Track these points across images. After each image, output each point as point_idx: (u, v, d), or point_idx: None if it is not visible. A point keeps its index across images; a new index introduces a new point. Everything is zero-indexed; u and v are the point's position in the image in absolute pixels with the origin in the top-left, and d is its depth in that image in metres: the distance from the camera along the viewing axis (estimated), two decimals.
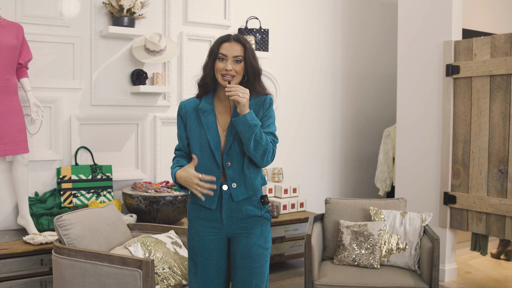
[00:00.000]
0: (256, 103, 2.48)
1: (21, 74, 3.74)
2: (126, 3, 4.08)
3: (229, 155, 2.43)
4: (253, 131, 2.34)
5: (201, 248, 2.48)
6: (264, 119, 2.48)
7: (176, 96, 4.56)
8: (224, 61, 2.42)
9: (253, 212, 2.48)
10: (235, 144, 2.43)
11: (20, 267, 3.39)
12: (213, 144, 2.43)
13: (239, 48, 2.43)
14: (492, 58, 4.10)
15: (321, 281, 3.22)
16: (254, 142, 2.36)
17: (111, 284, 2.65)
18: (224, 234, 2.48)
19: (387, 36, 5.88)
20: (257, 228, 2.49)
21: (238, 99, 2.31)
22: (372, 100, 5.85)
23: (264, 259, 2.51)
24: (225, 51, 2.42)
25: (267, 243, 2.52)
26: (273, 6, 5.11)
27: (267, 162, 2.45)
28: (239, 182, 2.44)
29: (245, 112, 2.35)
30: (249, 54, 2.44)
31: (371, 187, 5.83)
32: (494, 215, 4.12)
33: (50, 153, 4.04)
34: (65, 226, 2.86)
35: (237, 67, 2.42)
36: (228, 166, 2.43)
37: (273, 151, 2.45)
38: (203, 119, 2.47)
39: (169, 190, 4.06)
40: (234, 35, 2.47)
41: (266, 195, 2.54)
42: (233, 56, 2.41)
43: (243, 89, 2.34)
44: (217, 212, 2.45)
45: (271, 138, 2.45)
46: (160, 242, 3.06)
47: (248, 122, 2.34)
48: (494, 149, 4.12)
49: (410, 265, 3.40)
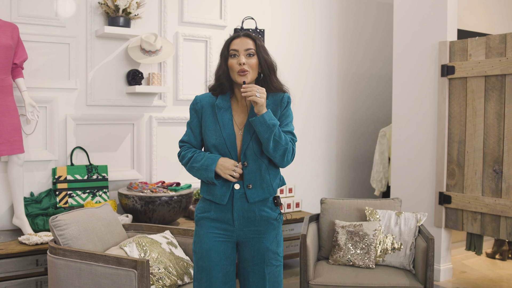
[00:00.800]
0: (274, 102, 2.43)
1: (17, 74, 3.73)
2: (121, 3, 4.08)
3: (246, 155, 2.37)
4: (272, 131, 2.28)
5: (208, 251, 2.39)
6: (282, 118, 2.42)
7: (172, 96, 4.56)
8: (236, 56, 2.37)
9: (267, 214, 2.42)
10: (253, 143, 2.37)
11: (16, 268, 3.38)
12: (228, 142, 2.37)
13: (250, 41, 2.38)
14: (487, 59, 4.11)
15: (316, 281, 3.23)
16: (274, 143, 2.30)
17: (106, 285, 2.65)
18: (235, 237, 2.41)
19: (383, 37, 5.89)
20: (270, 232, 2.43)
21: (256, 99, 2.25)
22: (367, 100, 5.87)
23: (277, 263, 2.45)
24: (235, 46, 2.37)
25: (279, 247, 2.47)
26: (269, 7, 5.12)
27: (288, 162, 2.39)
28: (255, 183, 2.38)
29: (263, 112, 2.29)
30: (261, 48, 2.40)
31: (366, 187, 5.84)
32: (489, 215, 4.13)
33: (45, 153, 4.04)
34: (60, 226, 2.86)
35: (250, 60, 2.37)
36: (245, 166, 2.37)
37: (293, 151, 2.38)
38: (219, 116, 2.41)
39: (165, 190, 4.06)
40: (243, 32, 2.44)
41: (279, 196, 2.48)
42: (245, 49, 2.36)
43: (259, 88, 2.28)
44: (229, 212, 2.39)
45: (290, 137, 2.39)
46: (155, 242, 3.06)
47: (266, 122, 2.27)
48: (489, 149, 4.13)
49: (405, 265, 3.41)
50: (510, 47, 3.97)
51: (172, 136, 4.57)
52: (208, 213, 2.42)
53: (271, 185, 2.41)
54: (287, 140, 2.34)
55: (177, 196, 3.96)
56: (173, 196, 3.94)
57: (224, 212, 2.39)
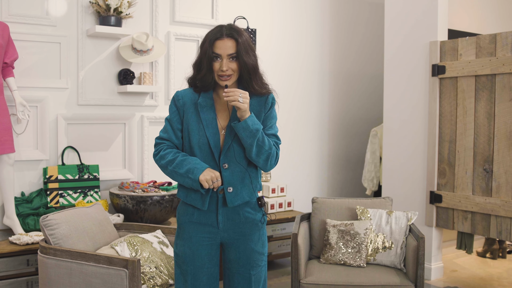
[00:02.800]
0: (258, 102, 2.35)
1: (7, 73, 3.71)
2: (113, 3, 4.07)
3: (227, 157, 2.30)
4: (255, 136, 2.22)
5: (192, 255, 2.34)
6: (266, 120, 2.36)
7: (163, 96, 4.56)
8: (219, 60, 2.26)
9: (251, 215, 2.37)
10: (234, 145, 2.29)
11: (6, 268, 3.37)
12: (212, 142, 2.29)
13: (232, 44, 2.25)
14: (477, 58, 4.14)
15: (307, 280, 3.24)
16: (257, 148, 2.24)
17: (97, 284, 2.65)
18: (219, 239, 2.36)
19: (375, 37, 5.91)
20: (255, 233, 2.39)
21: (238, 104, 2.17)
22: (359, 100, 5.88)
23: (261, 264, 2.42)
24: (218, 50, 2.25)
25: (264, 247, 2.43)
26: (261, 6, 5.12)
27: (271, 166, 2.33)
28: (236, 186, 2.31)
29: (246, 116, 2.21)
30: (242, 49, 2.25)
31: (358, 187, 5.86)
32: (479, 214, 4.16)
33: (36, 153, 4.02)
34: (51, 226, 2.85)
35: (233, 65, 2.27)
36: (225, 168, 2.30)
37: (276, 155, 2.33)
38: (202, 114, 2.32)
39: (156, 190, 4.06)
40: (226, 29, 2.27)
41: (262, 196, 2.42)
42: (228, 54, 2.25)
43: (242, 92, 2.19)
44: (213, 215, 2.33)
45: (274, 140, 2.33)
46: (146, 241, 3.06)
47: (249, 127, 2.20)
48: (479, 148, 4.16)
49: (396, 264, 3.43)
50: (500, 47, 3.99)
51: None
52: (191, 216, 2.36)
53: (251, 189, 2.35)
54: (271, 144, 2.29)
55: (169, 195, 3.96)
56: (165, 195, 3.94)
57: (208, 215, 2.34)
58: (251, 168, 2.36)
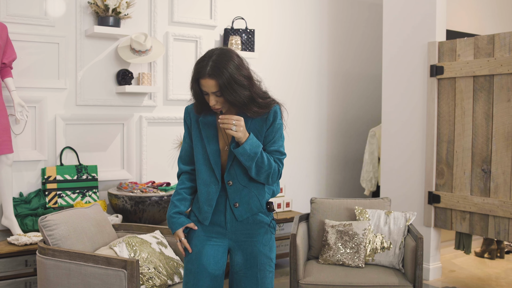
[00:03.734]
0: (258, 121, 2.32)
1: (5, 73, 3.71)
2: (111, 3, 4.07)
3: (230, 174, 2.32)
4: (254, 159, 2.23)
5: (198, 254, 2.35)
6: (268, 136, 2.33)
7: (162, 96, 4.56)
8: (207, 95, 2.24)
9: (260, 218, 2.38)
10: (236, 163, 2.31)
11: (5, 268, 3.37)
12: (212, 159, 2.31)
13: (214, 83, 2.17)
14: (475, 59, 4.14)
15: (306, 280, 3.24)
16: (256, 168, 2.25)
17: (96, 285, 2.64)
18: (226, 241, 2.38)
19: (373, 37, 5.92)
20: (263, 235, 2.39)
21: (232, 133, 2.18)
22: (357, 101, 5.89)
23: (269, 269, 2.41)
24: (203, 88, 2.22)
25: (272, 252, 2.42)
26: (260, 7, 5.12)
27: (273, 182, 2.33)
28: (242, 201, 2.33)
29: (243, 141, 2.21)
30: (224, 89, 2.18)
31: (356, 187, 5.86)
32: (477, 214, 4.16)
33: (34, 153, 4.02)
34: (50, 226, 2.84)
35: (221, 99, 2.23)
36: (229, 185, 2.32)
37: (278, 171, 2.31)
38: (204, 132, 2.35)
39: (155, 190, 4.06)
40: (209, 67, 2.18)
41: (272, 202, 2.43)
42: (212, 92, 2.20)
43: (236, 119, 2.18)
44: (221, 215, 2.36)
45: (276, 157, 2.31)
46: (145, 242, 3.05)
47: (247, 152, 2.21)
48: (477, 149, 4.17)
49: (395, 264, 3.43)
50: (498, 47, 4.00)
51: (162, 136, 4.57)
52: (199, 216, 2.40)
53: (258, 202, 2.35)
54: (271, 163, 2.26)
55: (167, 196, 3.95)
56: (163, 196, 3.94)
57: (217, 215, 2.36)
58: (256, 183, 2.35)
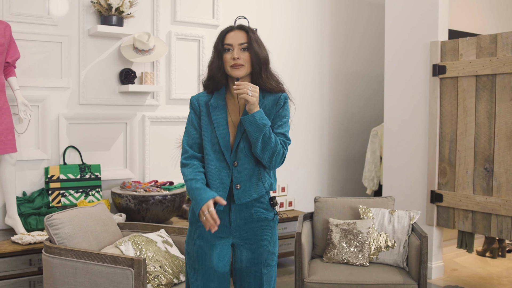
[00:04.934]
0: (271, 102, 2.35)
1: (9, 73, 3.71)
2: (114, 2, 4.07)
3: (235, 154, 2.31)
4: (262, 131, 2.22)
5: (204, 254, 2.35)
6: (276, 119, 2.34)
7: (165, 96, 4.56)
8: (230, 51, 2.30)
9: (264, 215, 2.38)
10: (243, 142, 2.31)
11: (9, 267, 3.36)
12: (222, 143, 2.31)
13: (244, 35, 2.30)
14: (478, 59, 4.15)
15: (311, 279, 3.25)
16: (262, 143, 2.24)
17: (103, 283, 2.64)
18: (230, 239, 2.38)
19: (375, 37, 5.93)
20: (267, 233, 2.40)
21: (247, 97, 2.18)
22: (359, 100, 5.90)
23: (272, 263, 2.43)
24: (229, 40, 2.30)
25: (275, 247, 2.44)
26: (262, 6, 5.13)
27: (276, 164, 2.31)
28: (244, 183, 2.31)
29: (254, 110, 2.22)
30: (253, 41, 2.30)
31: (358, 186, 5.87)
32: (480, 213, 4.17)
33: (38, 152, 4.02)
34: (56, 225, 2.84)
35: (245, 55, 2.29)
36: (235, 166, 2.31)
37: (282, 153, 2.30)
38: (214, 115, 2.34)
39: (158, 189, 4.05)
40: (237, 25, 2.35)
41: (274, 196, 2.42)
42: (239, 43, 2.28)
43: (252, 86, 2.21)
44: (225, 214, 2.34)
45: (282, 139, 2.31)
46: (151, 241, 3.06)
47: (256, 121, 2.21)
48: (479, 148, 4.17)
49: (399, 263, 3.44)
50: (501, 47, 4.01)
51: (165, 136, 4.57)
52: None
53: (260, 186, 2.34)
54: (277, 142, 2.27)
55: (171, 195, 3.96)
56: (167, 195, 3.94)
57: (221, 214, 2.33)
58: (260, 166, 2.35)
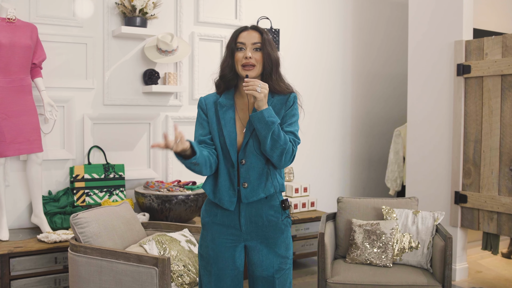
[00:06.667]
0: (280, 101, 2.35)
1: (35, 74, 3.77)
2: (138, 4, 4.11)
3: (244, 152, 2.30)
4: (270, 129, 2.19)
5: (216, 257, 2.35)
6: (286, 118, 2.34)
7: (188, 96, 4.59)
8: (243, 50, 2.30)
9: (275, 219, 2.35)
10: (252, 141, 2.30)
11: (35, 265, 3.42)
12: (228, 141, 2.30)
13: (257, 35, 2.31)
14: (504, 58, 4.10)
15: (334, 279, 3.24)
16: (271, 141, 2.21)
17: (128, 282, 2.67)
18: (242, 241, 2.36)
19: (397, 36, 5.88)
20: (279, 237, 2.37)
21: (255, 93, 2.17)
22: (382, 100, 5.86)
23: (285, 267, 2.39)
24: (243, 39, 2.31)
25: (288, 250, 2.40)
26: (284, 6, 5.13)
27: (285, 163, 2.29)
28: (251, 182, 2.30)
29: (263, 108, 2.20)
30: (267, 42, 2.31)
31: (381, 187, 5.83)
32: (505, 214, 4.12)
33: (63, 152, 4.08)
34: (81, 224, 2.88)
35: (257, 55, 2.30)
36: (242, 164, 2.30)
37: (292, 151, 2.28)
38: (221, 114, 2.35)
39: (181, 189, 4.08)
40: (251, 25, 2.37)
41: (287, 199, 2.40)
42: (252, 43, 2.30)
43: (261, 83, 2.20)
44: (235, 217, 2.33)
45: (291, 137, 2.29)
46: (174, 240, 3.08)
47: (265, 118, 2.18)
48: (505, 148, 4.12)
49: (423, 264, 3.41)
50: None
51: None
52: (214, 217, 2.36)
53: (268, 185, 2.33)
54: (287, 140, 2.25)
55: (194, 195, 3.98)
56: (190, 195, 3.96)
57: (231, 217, 2.33)
58: (270, 165, 2.34)
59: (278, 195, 2.38)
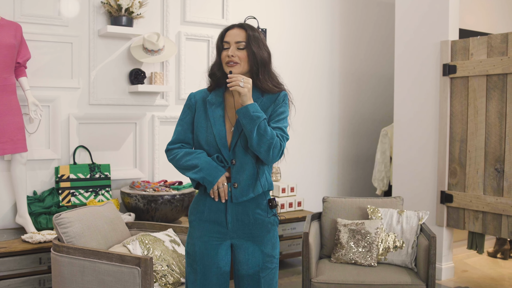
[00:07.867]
0: (269, 99, 2.34)
1: (20, 73, 3.75)
2: (124, 3, 4.09)
3: (234, 152, 2.29)
4: (255, 123, 2.17)
5: (202, 254, 2.34)
6: (274, 115, 2.32)
7: (174, 96, 4.58)
8: (228, 49, 2.30)
9: (261, 217, 2.34)
10: (241, 140, 2.28)
11: (19, 266, 3.40)
12: (219, 139, 2.29)
13: (243, 33, 2.29)
14: (489, 58, 4.12)
15: (318, 279, 3.24)
16: (258, 136, 2.19)
17: (110, 282, 2.66)
18: (228, 239, 2.35)
19: (384, 36, 5.90)
20: (265, 236, 2.36)
21: (239, 88, 2.17)
22: (369, 100, 5.88)
23: (272, 266, 2.38)
24: (227, 38, 2.30)
25: (274, 249, 2.39)
26: (271, 6, 5.13)
27: (274, 158, 2.25)
28: (241, 182, 2.29)
29: (247, 103, 2.19)
30: (252, 40, 2.28)
31: (368, 186, 5.85)
32: (490, 214, 4.14)
33: (48, 152, 4.05)
34: (64, 224, 2.87)
35: (241, 53, 2.28)
36: (232, 164, 2.29)
37: (280, 146, 2.24)
38: (210, 112, 2.33)
39: (167, 189, 4.07)
40: (238, 23, 2.34)
41: (274, 198, 2.40)
42: (235, 41, 2.28)
43: (244, 78, 2.19)
44: (222, 214, 2.32)
45: (279, 132, 2.27)
46: (158, 240, 3.07)
47: (250, 113, 2.17)
48: (490, 148, 4.14)
49: (407, 263, 3.42)
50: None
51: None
52: (201, 214, 2.36)
53: (258, 185, 2.31)
54: (274, 134, 2.22)
55: (180, 194, 3.97)
56: (176, 195, 3.95)
57: (218, 214, 2.33)
58: (258, 164, 2.33)
59: (266, 194, 2.38)
